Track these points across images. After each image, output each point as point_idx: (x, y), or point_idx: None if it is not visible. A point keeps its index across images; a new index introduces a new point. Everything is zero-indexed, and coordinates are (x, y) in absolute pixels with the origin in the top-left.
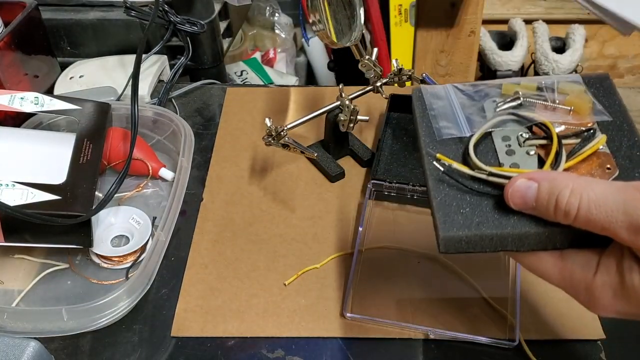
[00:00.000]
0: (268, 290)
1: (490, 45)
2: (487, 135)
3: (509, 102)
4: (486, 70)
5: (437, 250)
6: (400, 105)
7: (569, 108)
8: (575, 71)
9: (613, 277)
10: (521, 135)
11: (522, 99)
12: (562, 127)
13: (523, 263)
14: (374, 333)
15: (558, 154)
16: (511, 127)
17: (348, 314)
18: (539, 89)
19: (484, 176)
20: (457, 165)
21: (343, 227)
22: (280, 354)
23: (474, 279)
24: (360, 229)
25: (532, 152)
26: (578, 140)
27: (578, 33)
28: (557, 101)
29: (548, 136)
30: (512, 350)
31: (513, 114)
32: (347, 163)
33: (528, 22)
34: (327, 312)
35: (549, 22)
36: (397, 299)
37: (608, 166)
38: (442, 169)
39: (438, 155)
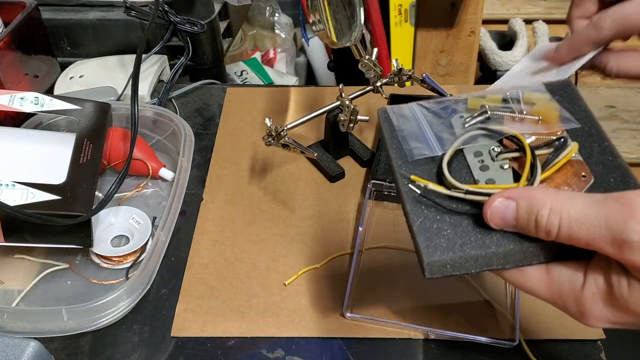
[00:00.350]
0: (268, 290)
1: (490, 45)
2: (459, 152)
3: (476, 117)
4: (486, 70)
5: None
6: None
7: (537, 118)
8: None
9: (602, 288)
10: (493, 149)
11: (489, 112)
12: (533, 138)
13: (509, 281)
14: (374, 333)
15: (533, 166)
16: (482, 142)
17: (348, 314)
18: (505, 100)
19: (461, 195)
20: (432, 186)
21: (343, 227)
22: (280, 354)
23: (474, 279)
24: (360, 229)
25: (506, 166)
26: (550, 150)
27: None
28: (525, 112)
29: (520, 148)
30: (512, 350)
31: (482, 128)
32: (347, 163)
33: (528, 22)
34: (327, 312)
35: (549, 22)
36: (397, 299)
37: (583, 174)
38: (418, 191)
39: (412, 177)
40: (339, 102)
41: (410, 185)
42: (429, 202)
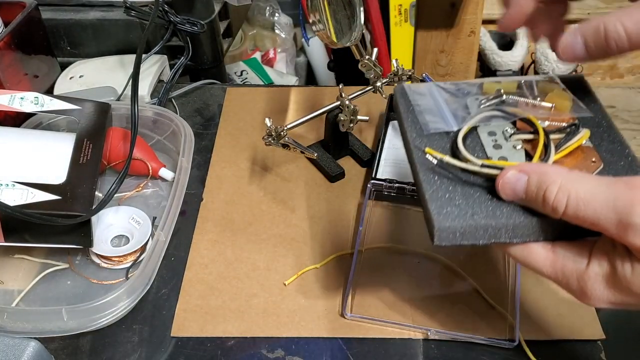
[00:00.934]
0: (268, 290)
1: (490, 45)
2: (473, 131)
3: (492, 99)
4: (486, 70)
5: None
6: None
7: (550, 105)
8: (575, 71)
9: (605, 268)
10: (506, 130)
11: (504, 96)
12: (546, 123)
13: (515, 257)
14: (374, 333)
15: (546, 147)
16: (496, 123)
17: (348, 314)
18: (519, 87)
19: (476, 168)
20: (448, 159)
21: (343, 227)
22: (280, 354)
23: (474, 279)
24: (360, 229)
25: (518, 147)
26: (562, 136)
27: None
28: (538, 99)
29: (534, 131)
30: (512, 350)
31: (498, 109)
32: (347, 163)
33: None
34: (327, 312)
35: None
36: (397, 299)
37: (593, 159)
38: (434, 161)
39: (427, 149)
40: (339, 102)
41: (426, 155)
42: (443, 173)
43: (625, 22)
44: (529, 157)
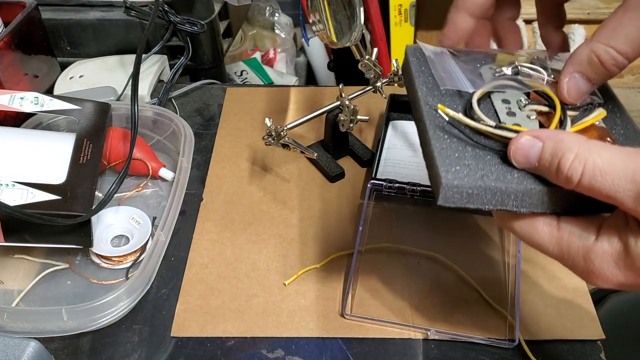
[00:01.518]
0: (268, 290)
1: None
2: (486, 98)
3: (507, 69)
4: None
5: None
6: (400, 105)
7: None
8: None
9: (615, 246)
10: (520, 100)
11: (519, 68)
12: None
13: (519, 233)
14: (374, 333)
15: (561, 121)
16: (510, 92)
17: (348, 314)
18: (532, 63)
19: (489, 129)
20: (461, 116)
21: (343, 227)
22: (280, 354)
23: (474, 279)
24: (360, 229)
25: (533, 117)
26: (577, 113)
27: (578, 33)
28: (552, 76)
29: (549, 105)
30: (512, 350)
31: (514, 80)
32: (347, 163)
33: (528, 22)
34: (327, 312)
35: None
36: (397, 299)
37: (608, 139)
38: (446, 118)
39: (439, 106)
40: (339, 102)
41: (438, 112)
42: (453, 132)
43: (613, 44)
44: (542, 128)
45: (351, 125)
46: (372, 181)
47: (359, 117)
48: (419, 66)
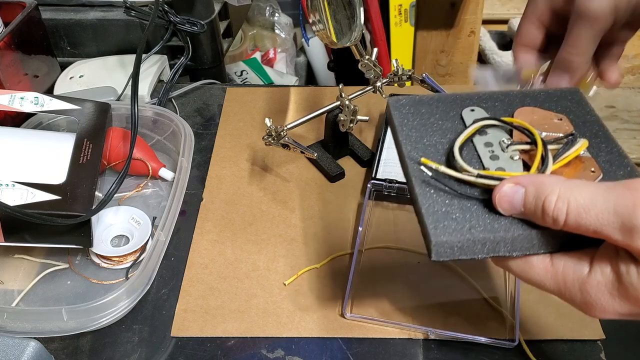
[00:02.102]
0: (268, 290)
1: (490, 45)
2: (468, 143)
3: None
4: None
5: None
6: None
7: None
8: None
9: (608, 277)
10: (503, 141)
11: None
12: (544, 134)
13: (515, 272)
14: (374, 333)
15: (543, 157)
16: (492, 134)
17: (348, 314)
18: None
19: (472, 178)
20: (444, 169)
21: (343, 227)
22: (280, 354)
23: (474, 279)
24: (360, 229)
25: (516, 157)
26: (559, 146)
27: None
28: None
29: (532, 141)
30: (512, 350)
31: (495, 118)
32: (347, 163)
33: None
34: (327, 312)
35: None
36: (397, 299)
37: (592, 169)
38: (429, 173)
39: (422, 159)
40: (339, 102)
41: (421, 167)
42: (438, 186)
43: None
44: (526, 167)
45: (351, 125)
46: (372, 181)
47: (359, 117)
48: (401, 119)
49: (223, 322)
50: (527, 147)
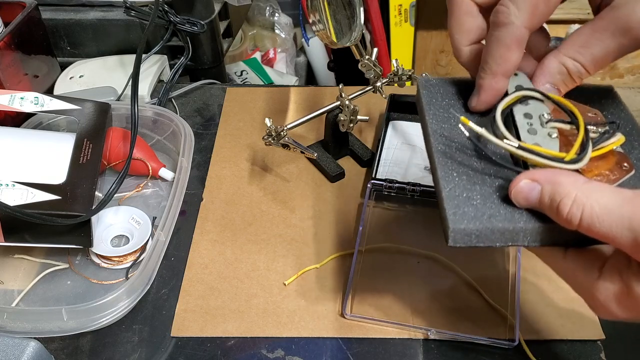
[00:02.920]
0: (268, 290)
1: None
2: (508, 114)
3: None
4: None
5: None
6: (400, 105)
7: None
8: None
9: (617, 285)
10: (543, 115)
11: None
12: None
13: (534, 251)
14: (374, 333)
15: (584, 144)
16: (533, 105)
17: (348, 314)
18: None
19: (512, 148)
20: (484, 132)
21: (343, 227)
22: (280, 354)
23: (474, 279)
24: (360, 229)
25: (554, 135)
26: (597, 135)
27: None
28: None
29: (573, 122)
30: (512, 350)
31: (538, 91)
32: (347, 163)
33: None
34: (327, 312)
35: (549, 22)
36: (397, 299)
37: (625, 164)
38: (467, 133)
39: (462, 118)
40: (339, 102)
41: (461, 126)
42: (462, 170)
43: (580, 60)
44: (562, 147)
45: (351, 125)
46: (372, 181)
47: (359, 117)
48: (429, 98)
49: (223, 322)
50: (567, 127)
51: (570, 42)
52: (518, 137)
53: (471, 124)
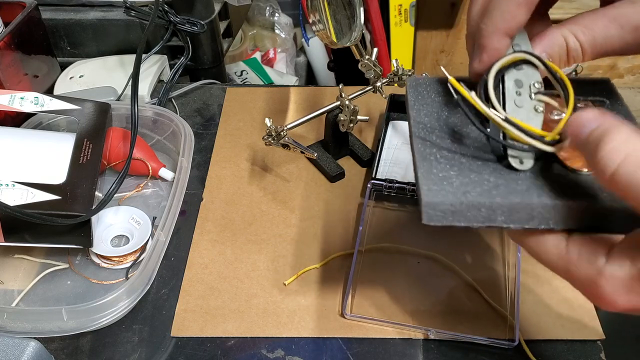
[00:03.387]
0: (268, 290)
1: None
2: (497, 81)
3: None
4: None
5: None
6: (400, 105)
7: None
8: (575, 71)
9: (628, 271)
10: (534, 84)
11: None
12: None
13: (528, 250)
14: (374, 333)
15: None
16: (526, 71)
17: (348, 314)
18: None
19: (498, 120)
20: (474, 96)
21: (343, 227)
22: (280, 354)
23: (474, 279)
24: (360, 229)
25: (540, 109)
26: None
27: None
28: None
29: (563, 96)
30: (512, 350)
31: (537, 57)
32: (347, 163)
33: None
34: (327, 312)
35: None
36: (397, 299)
37: None
38: (455, 96)
39: (450, 79)
40: (339, 102)
41: (449, 85)
42: (440, 155)
43: (581, 40)
44: (543, 127)
45: (351, 125)
46: (372, 181)
47: (359, 117)
48: (415, 95)
49: (223, 322)
50: (555, 103)
51: (577, 20)
52: (504, 105)
53: (461, 86)
